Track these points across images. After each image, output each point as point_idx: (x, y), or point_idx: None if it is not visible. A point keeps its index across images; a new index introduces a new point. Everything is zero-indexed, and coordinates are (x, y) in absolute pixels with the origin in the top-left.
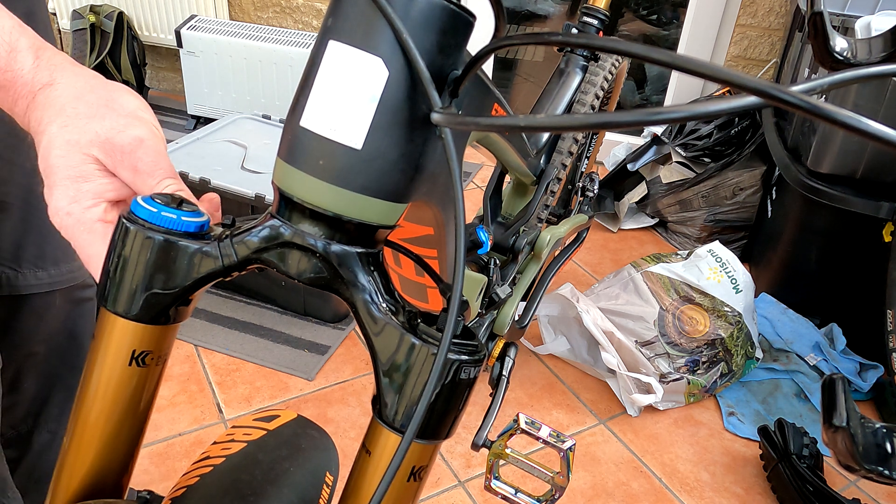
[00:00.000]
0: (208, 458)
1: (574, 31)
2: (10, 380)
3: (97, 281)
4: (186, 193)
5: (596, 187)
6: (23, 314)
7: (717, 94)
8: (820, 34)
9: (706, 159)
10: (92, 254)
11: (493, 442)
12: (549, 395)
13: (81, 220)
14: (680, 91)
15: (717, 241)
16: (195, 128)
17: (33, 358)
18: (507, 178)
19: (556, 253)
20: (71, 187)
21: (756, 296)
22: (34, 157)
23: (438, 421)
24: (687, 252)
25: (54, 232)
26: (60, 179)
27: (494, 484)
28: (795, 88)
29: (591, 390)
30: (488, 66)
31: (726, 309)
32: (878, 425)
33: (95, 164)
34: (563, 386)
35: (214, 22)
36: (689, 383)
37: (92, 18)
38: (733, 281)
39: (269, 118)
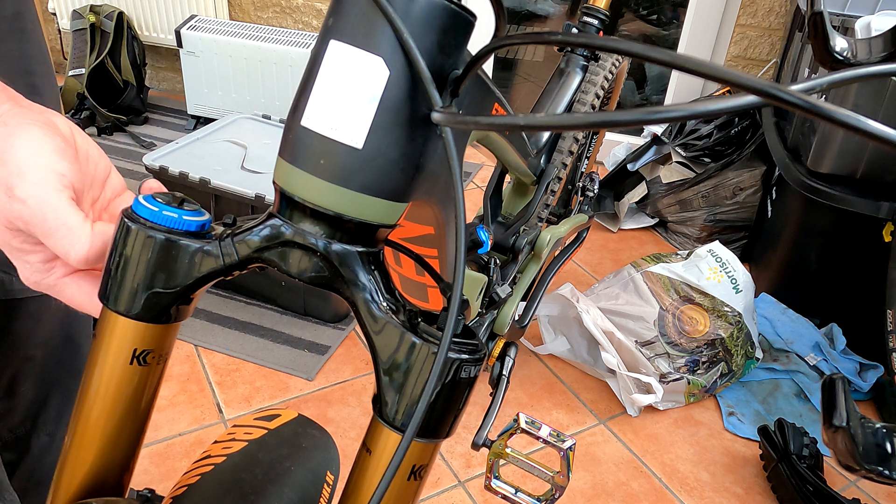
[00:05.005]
0: (209, 456)
1: (574, 30)
2: (7, 384)
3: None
4: (85, 240)
5: (596, 187)
6: (19, 318)
7: (718, 93)
8: (820, 34)
9: (706, 159)
10: (74, 301)
11: (493, 441)
12: (549, 395)
13: (50, 285)
14: (680, 91)
15: (717, 241)
16: (195, 128)
17: (30, 362)
18: (508, 178)
19: (556, 253)
20: (22, 260)
21: (756, 296)
22: None
23: (439, 420)
24: (687, 252)
25: None
26: (9, 254)
27: (494, 483)
28: (795, 88)
29: (591, 390)
30: (488, 66)
31: (726, 309)
32: (878, 425)
33: (20, 235)
34: (563, 386)
35: (214, 22)
36: (689, 383)
37: (92, 18)
38: (733, 281)
39: (269, 118)
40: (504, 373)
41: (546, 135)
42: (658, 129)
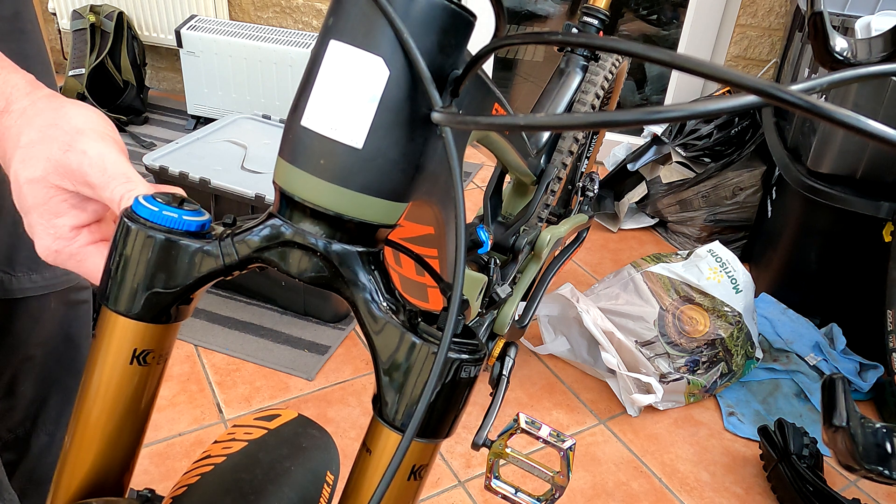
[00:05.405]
0: (209, 456)
1: (574, 30)
2: (6, 384)
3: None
4: (144, 189)
5: (596, 187)
6: (18, 318)
7: (718, 93)
8: (820, 34)
9: (706, 159)
10: (93, 272)
11: (493, 441)
12: (549, 395)
13: (72, 252)
14: (680, 91)
15: (717, 241)
16: (195, 128)
17: (30, 361)
18: (508, 178)
19: (556, 253)
20: (48, 226)
21: (756, 296)
22: None
23: (439, 420)
24: (687, 252)
25: None
26: (36, 219)
27: (494, 483)
28: (795, 87)
29: (591, 390)
30: (488, 66)
31: (726, 309)
32: (878, 425)
33: (61, 195)
34: (563, 386)
35: (214, 22)
36: (689, 383)
37: (92, 18)
38: (733, 281)
39: (269, 118)
40: (504, 373)
41: (546, 135)
42: (658, 129)
